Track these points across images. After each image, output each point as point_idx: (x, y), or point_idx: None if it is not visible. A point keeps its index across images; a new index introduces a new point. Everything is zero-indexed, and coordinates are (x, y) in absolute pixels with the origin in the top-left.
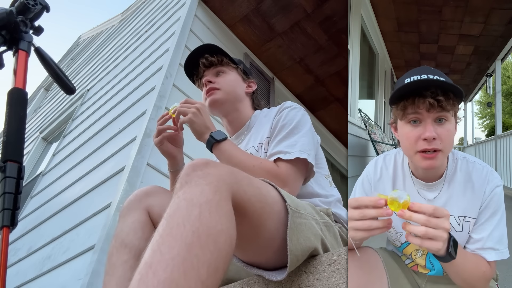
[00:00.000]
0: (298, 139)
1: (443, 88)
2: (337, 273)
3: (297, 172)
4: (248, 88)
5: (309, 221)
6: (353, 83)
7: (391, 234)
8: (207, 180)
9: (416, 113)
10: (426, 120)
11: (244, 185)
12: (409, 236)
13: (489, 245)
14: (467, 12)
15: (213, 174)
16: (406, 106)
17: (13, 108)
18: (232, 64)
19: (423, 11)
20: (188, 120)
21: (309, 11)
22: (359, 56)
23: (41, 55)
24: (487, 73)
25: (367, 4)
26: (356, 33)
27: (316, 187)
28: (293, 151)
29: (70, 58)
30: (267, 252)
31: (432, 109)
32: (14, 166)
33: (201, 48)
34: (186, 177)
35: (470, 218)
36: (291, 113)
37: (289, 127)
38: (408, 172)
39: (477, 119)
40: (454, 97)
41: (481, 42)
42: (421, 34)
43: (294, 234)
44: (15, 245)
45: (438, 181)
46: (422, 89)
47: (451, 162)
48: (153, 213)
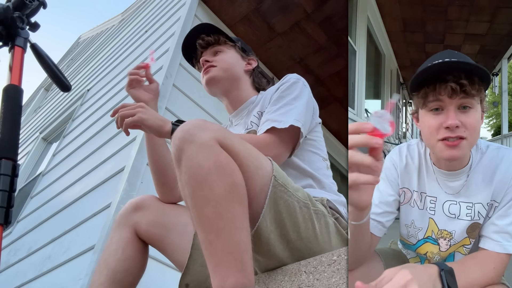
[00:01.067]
0: (293, 108)
1: (466, 71)
2: (337, 273)
3: (285, 139)
4: (248, 65)
5: (292, 201)
6: (359, 83)
7: (408, 229)
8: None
9: (438, 100)
10: (449, 108)
11: (231, 139)
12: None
13: (509, 230)
14: (473, 11)
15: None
16: (427, 94)
17: (8, 105)
18: (230, 42)
19: (429, 11)
20: (139, 119)
21: (309, 11)
22: (365, 57)
23: (37, 52)
24: (493, 72)
25: (373, 5)
26: (362, 34)
27: (310, 168)
28: (287, 120)
29: (70, 58)
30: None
31: (454, 95)
32: (8, 163)
33: (197, 29)
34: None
35: (498, 203)
36: (292, 87)
37: (286, 98)
38: (430, 163)
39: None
40: (479, 81)
41: (487, 41)
42: (427, 34)
43: (271, 203)
44: (15, 245)
45: (462, 169)
46: (443, 73)
47: (475, 151)
48: (139, 230)
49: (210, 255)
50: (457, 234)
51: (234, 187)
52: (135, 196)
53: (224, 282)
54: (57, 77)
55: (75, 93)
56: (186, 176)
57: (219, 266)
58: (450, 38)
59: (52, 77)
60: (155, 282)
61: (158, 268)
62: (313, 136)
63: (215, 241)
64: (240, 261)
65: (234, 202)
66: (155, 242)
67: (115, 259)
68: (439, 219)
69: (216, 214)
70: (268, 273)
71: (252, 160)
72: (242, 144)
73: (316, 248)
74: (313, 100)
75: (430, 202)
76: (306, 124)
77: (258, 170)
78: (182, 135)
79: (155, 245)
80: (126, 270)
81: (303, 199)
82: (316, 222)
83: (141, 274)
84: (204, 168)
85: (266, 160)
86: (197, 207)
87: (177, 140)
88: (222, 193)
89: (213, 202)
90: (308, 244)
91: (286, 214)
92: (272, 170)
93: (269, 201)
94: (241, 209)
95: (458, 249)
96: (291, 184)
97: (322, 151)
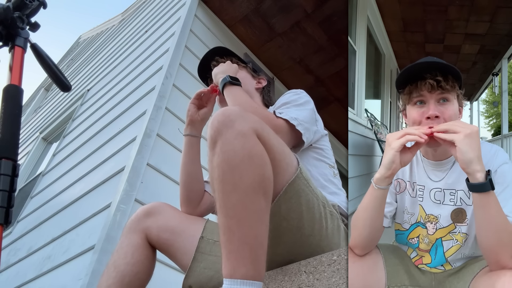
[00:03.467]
0: (296, 111)
1: (440, 69)
2: (337, 273)
3: (288, 133)
4: (258, 84)
5: (313, 197)
6: (359, 83)
7: (403, 215)
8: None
9: (420, 95)
10: (429, 101)
11: (268, 132)
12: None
13: (505, 213)
14: (473, 11)
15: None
16: (411, 91)
17: (8, 105)
18: (242, 64)
19: (429, 11)
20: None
21: (309, 11)
22: (365, 57)
23: (37, 52)
24: (494, 72)
25: (373, 5)
26: (362, 34)
27: (315, 172)
28: (287, 114)
29: (70, 58)
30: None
31: (433, 90)
32: (8, 163)
33: (212, 52)
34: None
35: None
36: (295, 96)
37: (290, 104)
38: (420, 155)
39: (483, 118)
40: (453, 78)
41: (487, 41)
42: (427, 34)
43: (292, 192)
44: (15, 245)
45: (446, 160)
46: (422, 72)
47: None
48: (150, 235)
49: (227, 241)
50: (442, 218)
51: (263, 180)
52: (135, 196)
53: (234, 270)
54: (57, 77)
55: (75, 93)
56: (219, 159)
57: (233, 253)
58: (450, 38)
59: (52, 77)
60: (158, 284)
61: (161, 270)
62: (319, 144)
63: (235, 229)
64: (254, 253)
65: (260, 195)
66: (165, 247)
67: (124, 262)
68: (426, 204)
69: (241, 203)
70: (268, 273)
71: (284, 156)
72: (277, 139)
73: (326, 248)
74: (315, 112)
75: (419, 190)
76: (307, 127)
77: (288, 167)
78: (222, 119)
79: (164, 251)
80: (135, 274)
81: (322, 198)
82: (330, 223)
83: (148, 279)
84: (239, 155)
85: (294, 157)
86: (224, 192)
87: (217, 123)
88: (251, 183)
89: (241, 190)
90: (320, 242)
91: (305, 207)
92: (298, 164)
93: (290, 190)
94: (265, 203)
95: (445, 236)
96: (312, 182)
97: (328, 158)
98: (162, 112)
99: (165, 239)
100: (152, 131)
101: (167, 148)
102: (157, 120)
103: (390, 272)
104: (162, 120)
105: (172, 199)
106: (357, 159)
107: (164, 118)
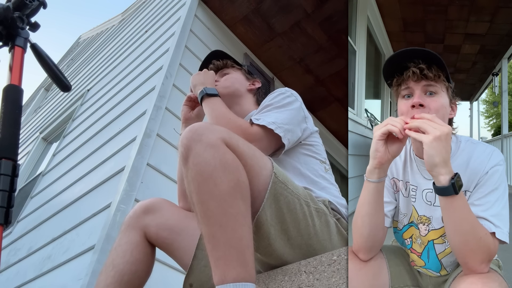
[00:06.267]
0: (275, 114)
1: (423, 57)
2: (337, 273)
3: (266, 139)
4: (251, 85)
5: (293, 198)
6: (359, 83)
7: (399, 215)
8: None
9: (408, 88)
10: (415, 92)
11: (237, 140)
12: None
13: (484, 215)
14: (473, 11)
15: (210, 138)
16: (399, 82)
17: (8, 105)
18: (237, 66)
19: (429, 11)
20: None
21: (309, 11)
22: (365, 57)
23: (37, 52)
24: (494, 72)
25: (373, 5)
26: (362, 34)
27: (305, 169)
28: (264, 120)
29: (70, 58)
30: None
31: (418, 79)
32: (8, 163)
33: (209, 56)
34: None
35: (470, 192)
36: (279, 97)
37: (271, 106)
38: (413, 154)
39: (483, 118)
40: (436, 68)
41: (487, 41)
42: (427, 34)
43: (271, 198)
44: (15, 245)
45: None
46: (406, 60)
47: (454, 143)
48: (149, 233)
49: (213, 249)
50: (434, 219)
51: (238, 184)
52: (135, 196)
53: (225, 275)
54: (57, 77)
55: (75, 93)
56: (193, 172)
57: (221, 259)
58: (450, 38)
59: (52, 77)
60: (158, 283)
61: (161, 269)
62: (309, 141)
63: (218, 235)
64: (242, 255)
65: (238, 199)
66: (165, 245)
67: (123, 261)
68: (419, 205)
69: (220, 209)
70: (268, 273)
71: (256, 160)
72: (246, 145)
73: (317, 246)
74: (303, 110)
75: (412, 190)
76: (287, 129)
77: (262, 170)
78: (190, 135)
79: (164, 249)
80: (134, 272)
81: (304, 197)
82: (317, 220)
83: (147, 277)
84: (210, 165)
85: (268, 160)
86: (202, 202)
87: (185, 139)
88: (227, 189)
89: (218, 197)
90: (309, 241)
91: (286, 210)
92: (273, 168)
93: (269, 196)
94: (244, 206)
95: (438, 239)
96: (291, 182)
97: (319, 154)
98: (162, 112)
99: (164, 237)
100: (152, 131)
101: (167, 148)
102: (157, 120)
103: (393, 273)
104: (162, 120)
105: (172, 199)
106: (357, 159)
107: (164, 118)
